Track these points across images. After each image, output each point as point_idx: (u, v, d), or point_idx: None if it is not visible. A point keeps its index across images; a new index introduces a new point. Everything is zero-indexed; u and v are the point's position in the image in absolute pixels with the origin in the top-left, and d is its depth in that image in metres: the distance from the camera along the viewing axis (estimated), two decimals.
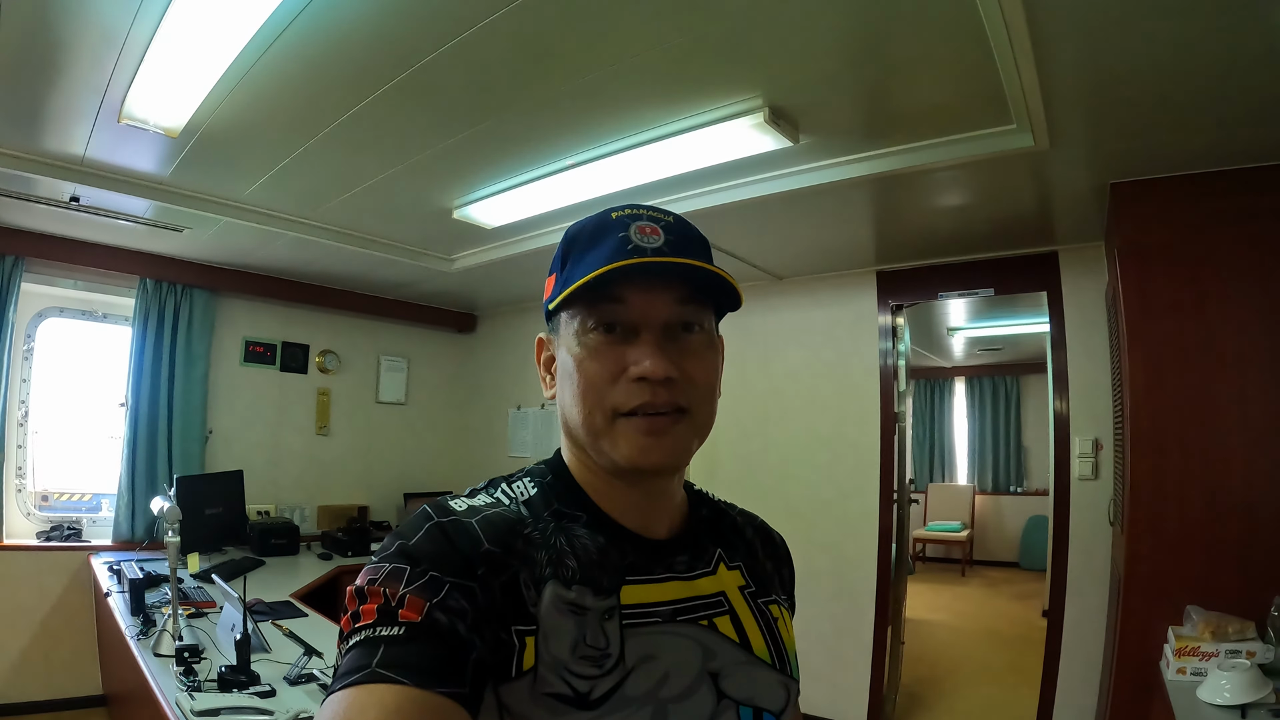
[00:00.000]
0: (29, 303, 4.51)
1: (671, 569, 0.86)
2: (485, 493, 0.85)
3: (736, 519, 1.02)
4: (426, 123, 2.76)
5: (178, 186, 3.54)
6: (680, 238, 0.82)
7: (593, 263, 0.79)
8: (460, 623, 0.67)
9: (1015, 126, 2.53)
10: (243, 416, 5.27)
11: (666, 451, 0.79)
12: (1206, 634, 2.43)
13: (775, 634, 0.90)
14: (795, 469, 4.61)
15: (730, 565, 0.92)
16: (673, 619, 0.81)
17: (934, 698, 4.78)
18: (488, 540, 0.75)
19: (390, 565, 0.69)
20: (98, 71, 2.42)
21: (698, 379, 0.81)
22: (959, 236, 3.83)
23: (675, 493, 0.91)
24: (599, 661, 0.74)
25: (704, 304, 0.84)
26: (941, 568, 9.57)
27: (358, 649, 0.64)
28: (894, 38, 2.10)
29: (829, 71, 2.29)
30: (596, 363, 0.80)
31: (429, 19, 2.07)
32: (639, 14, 2.01)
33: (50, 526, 4.60)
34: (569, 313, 0.82)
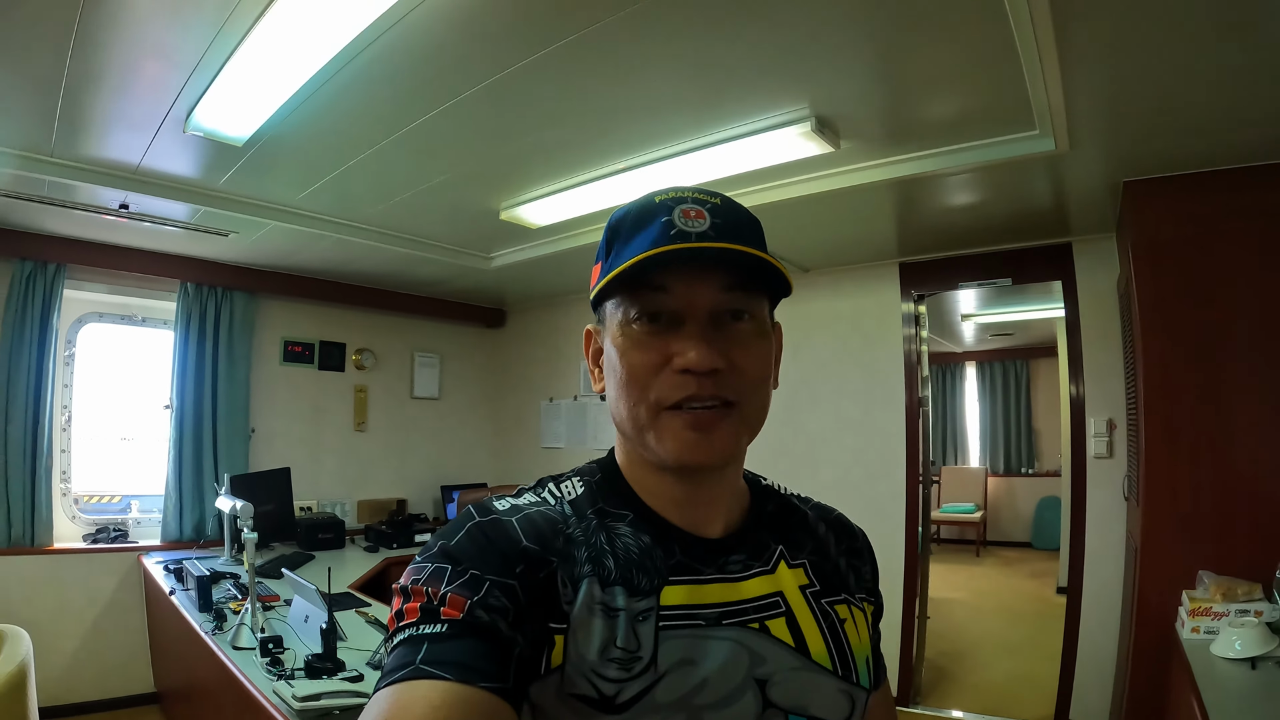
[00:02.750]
0: (69, 309, 4.62)
1: (723, 570, 0.82)
2: (532, 492, 0.85)
3: (808, 514, 0.97)
4: (486, 133, 2.93)
5: (230, 193, 3.66)
6: (728, 221, 0.78)
7: (635, 250, 0.75)
8: (502, 620, 0.67)
9: (1038, 132, 2.70)
10: (283, 415, 5.41)
11: (713, 447, 0.76)
12: (1218, 596, 2.61)
13: (840, 637, 0.85)
14: (825, 453, 4.78)
15: (793, 563, 0.88)
16: (718, 622, 0.78)
17: (960, 671, 4.96)
18: (527, 538, 0.75)
19: (432, 565, 0.70)
20: (168, 85, 2.55)
21: (747, 370, 0.77)
22: (978, 229, 3.98)
23: (731, 488, 0.88)
24: (628, 664, 0.72)
25: (754, 291, 0.79)
26: (956, 548, 9.71)
27: (402, 647, 0.65)
28: (930, 53, 2.26)
29: (871, 83, 2.47)
30: (640, 354, 0.77)
31: (495, 44, 2.25)
32: (697, 34, 2.18)
33: (96, 529, 4.70)
34: (613, 303, 0.80)
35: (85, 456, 4.82)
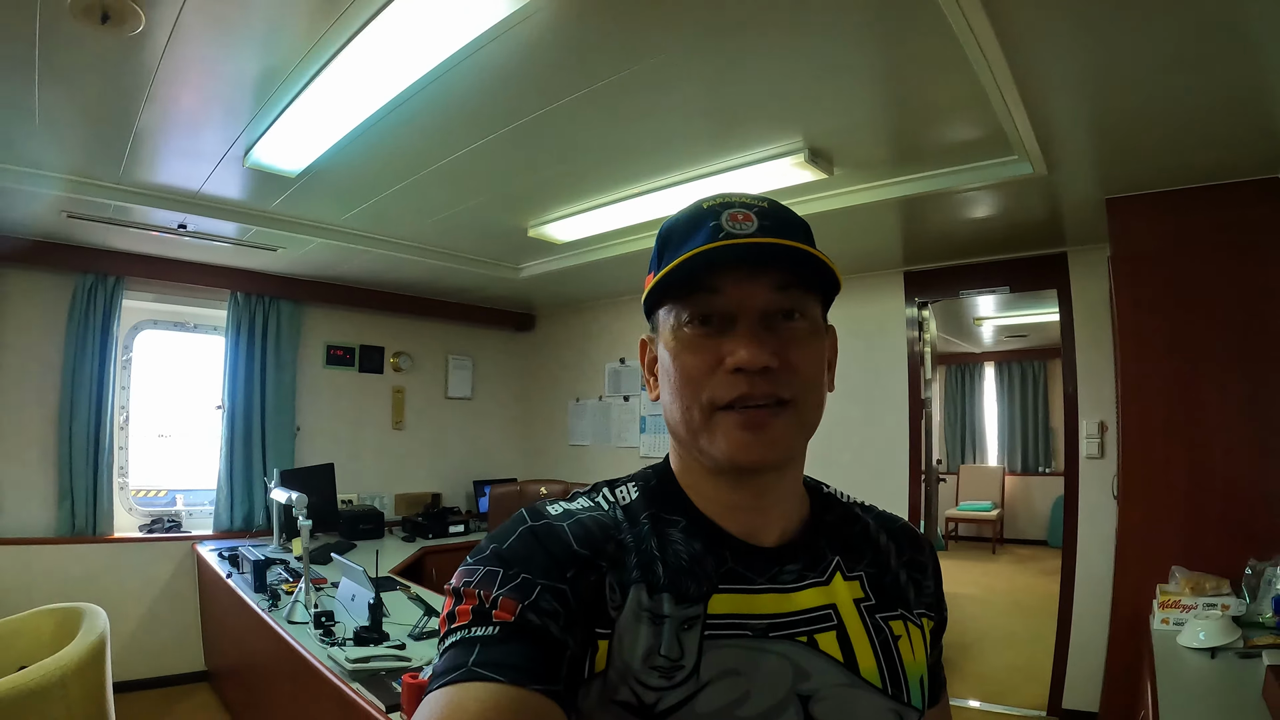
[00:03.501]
0: (127, 316, 4.94)
1: (775, 579, 0.79)
2: (587, 496, 0.84)
3: (870, 524, 0.93)
4: (514, 166, 3.22)
5: (280, 214, 3.98)
6: (776, 222, 0.77)
7: (684, 254, 0.74)
8: (553, 623, 0.67)
9: (1016, 157, 2.91)
10: (327, 414, 5.75)
11: (767, 446, 0.74)
12: (1187, 589, 2.75)
13: (893, 654, 0.81)
14: (832, 451, 4.88)
15: (849, 575, 0.84)
16: (764, 634, 0.75)
17: (962, 661, 5.13)
18: (577, 543, 0.74)
19: (484, 568, 0.70)
20: (230, 128, 2.87)
21: (800, 368, 0.76)
22: (977, 241, 4.18)
23: (789, 494, 0.85)
24: (669, 673, 0.71)
25: (806, 290, 0.78)
26: (973, 546, 9.75)
27: (454, 649, 0.65)
28: (912, 92, 2.51)
29: (858, 118, 2.72)
30: (692, 356, 0.76)
31: (522, 94, 2.56)
32: (700, 80, 2.45)
33: (151, 520, 5.04)
34: (665, 309, 0.80)
35: (140, 453, 5.16)
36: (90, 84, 2.55)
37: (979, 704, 4.38)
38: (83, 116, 2.81)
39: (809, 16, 2.04)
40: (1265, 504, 2.90)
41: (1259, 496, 2.92)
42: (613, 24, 2.10)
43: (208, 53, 2.32)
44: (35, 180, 3.38)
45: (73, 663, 2.44)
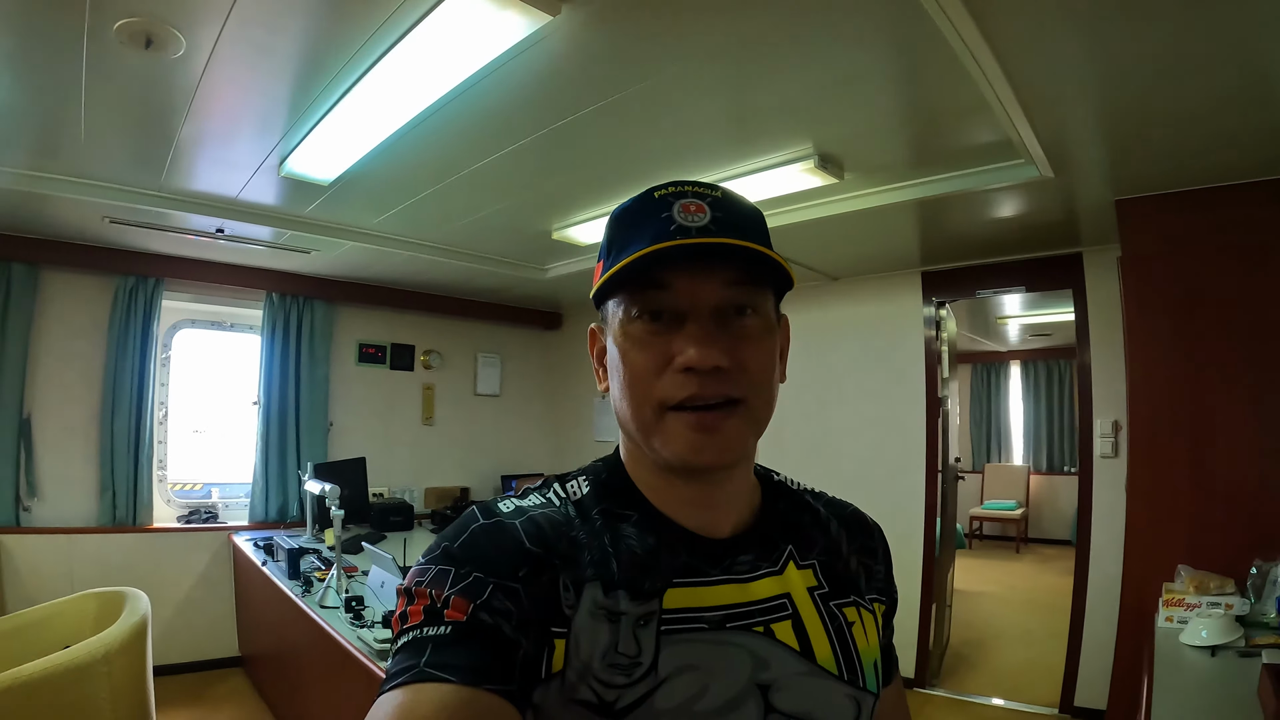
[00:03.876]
0: (166, 316, 5.15)
1: (730, 570, 0.79)
2: (538, 493, 0.83)
3: (820, 510, 0.94)
4: (538, 172, 3.33)
5: (314, 218, 4.13)
6: (729, 214, 0.76)
7: (636, 246, 0.73)
8: (505, 623, 0.66)
9: (1023, 161, 2.97)
10: (359, 410, 5.93)
11: (719, 447, 0.74)
12: (1191, 588, 2.78)
13: (847, 640, 0.83)
14: (850, 449, 5.06)
15: (802, 564, 0.85)
16: (721, 626, 0.76)
17: (977, 657, 5.19)
18: (530, 541, 0.73)
19: (436, 568, 0.69)
20: (266, 141, 3.02)
21: (752, 367, 0.75)
22: (994, 241, 4.22)
23: (741, 486, 0.85)
24: (628, 670, 0.71)
25: (758, 286, 0.77)
26: (997, 545, 9.69)
27: (406, 649, 0.64)
28: (918, 98, 2.57)
29: (866, 125, 2.80)
30: (642, 353, 0.74)
31: (545, 107, 2.67)
32: (714, 92, 2.56)
33: (189, 511, 5.25)
34: (615, 301, 0.78)
35: (178, 448, 5.36)
36: (134, 102, 2.70)
37: (993, 700, 4.44)
38: (126, 131, 2.97)
39: (818, 31, 2.13)
40: (1271, 505, 2.92)
41: (1265, 497, 2.93)
42: (631, 39, 2.21)
43: (244, 73, 2.46)
44: (79, 188, 3.55)
45: (116, 642, 2.57)
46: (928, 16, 1.95)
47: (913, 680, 4.65)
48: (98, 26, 2.16)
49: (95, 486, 4.78)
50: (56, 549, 4.55)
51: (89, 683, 2.47)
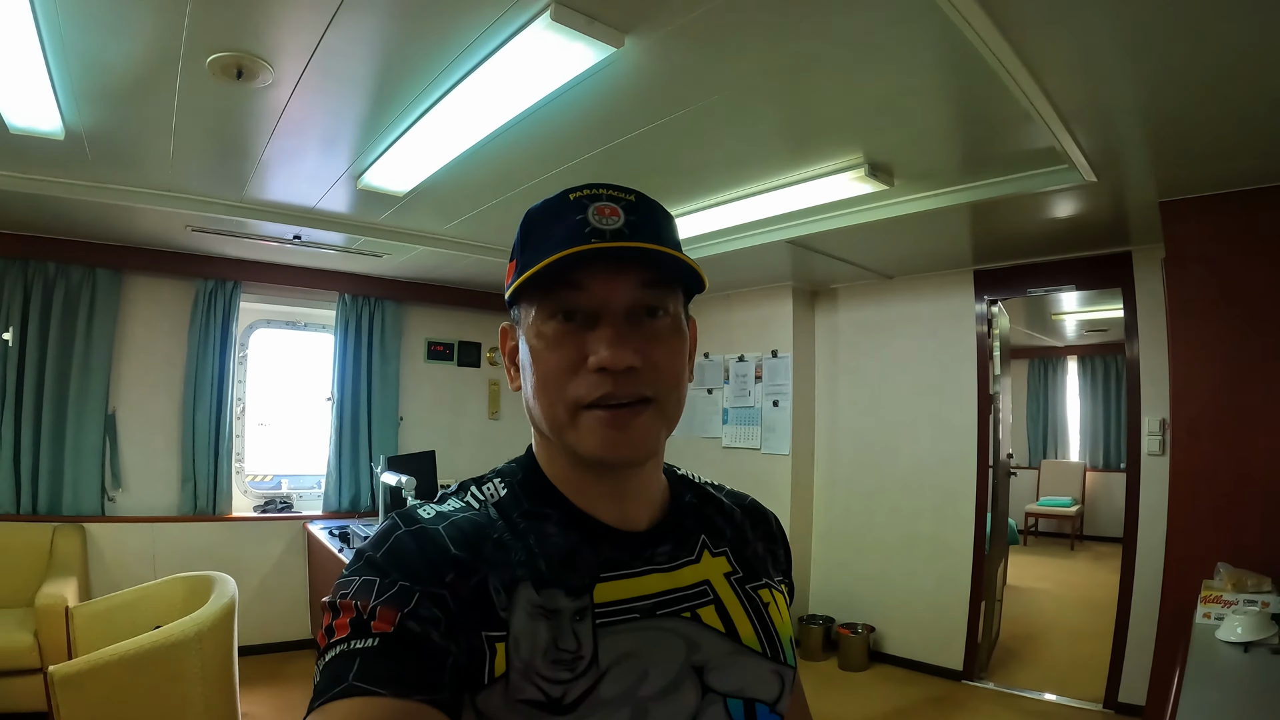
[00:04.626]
0: (243, 317, 5.43)
1: (651, 561, 0.82)
2: (455, 497, 0.83)
3: (724, 501, 0.97)
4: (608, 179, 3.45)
5: (387, 225, 4.34)
6: (642, 217, 0.78)
7: (549, 248, 0.74)
8: (434, 630, 0.66)
9: (1066, 166, 3.03)
10: (427, 405, 6.19)
11: (632, 444, 0.75)
12: (1229, 585, 2.78)
13: (766, 620, 0.87)
14: (904, 444, 5.15)
15: (715, 552, 0.88)
16: (652, 614, 0.78)
17: (1026, 652, 5.23)
18: (455, 546, 0.73)
19: (360, 578, 0.68)
20: (346, 157, 3.22)
21: (663, 366, 0.77)
22: (1044, 240, 4.26)
23: (653, 481, 0.87)
24: (571, 665, 0.71)
25: (669, 287, 0.78)
26: (1052, 542, 9.62)
27: (333, 664, 0.63)
28: (964, 109, 2.68)
29: (914, 135, 2.90)
30: (555, 354, 0.75)
31: (609, 124, 2.84)
32: (767, 109, 2.71)
33: (265, 501, 5.52)
34: (528, 300, 0.78)
35: (254, 441, 5.64)
36: (221, 126, 2.93)
37: (1040, 695, 4.49)
38: (212, 151, 3.21)
39: (867, 52, 2.25)
40: None
41: None
42: (690, 65, 2.35)
43: (327, 99, 2.66)
44: (164, 200, 3.80)
45: (208, 622, 2.75)
46: (967, 42, 2.07)
47: (960, 672, 4.73)
48: (192, 59, 2.36)
49: (177, 477, 5.07)
50: (140, 536, 4.84)
51: (182, 659, 2.64)
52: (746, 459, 5.78)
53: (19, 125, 2.90)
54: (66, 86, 2.59)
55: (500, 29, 2.13)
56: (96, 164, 3.38)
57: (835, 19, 2.06)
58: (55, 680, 2.32)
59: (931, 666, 4.89)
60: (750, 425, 5.77)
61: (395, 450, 5.74)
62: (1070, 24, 2.03)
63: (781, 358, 5.60)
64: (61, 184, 3.62)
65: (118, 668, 2.44)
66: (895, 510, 5.17)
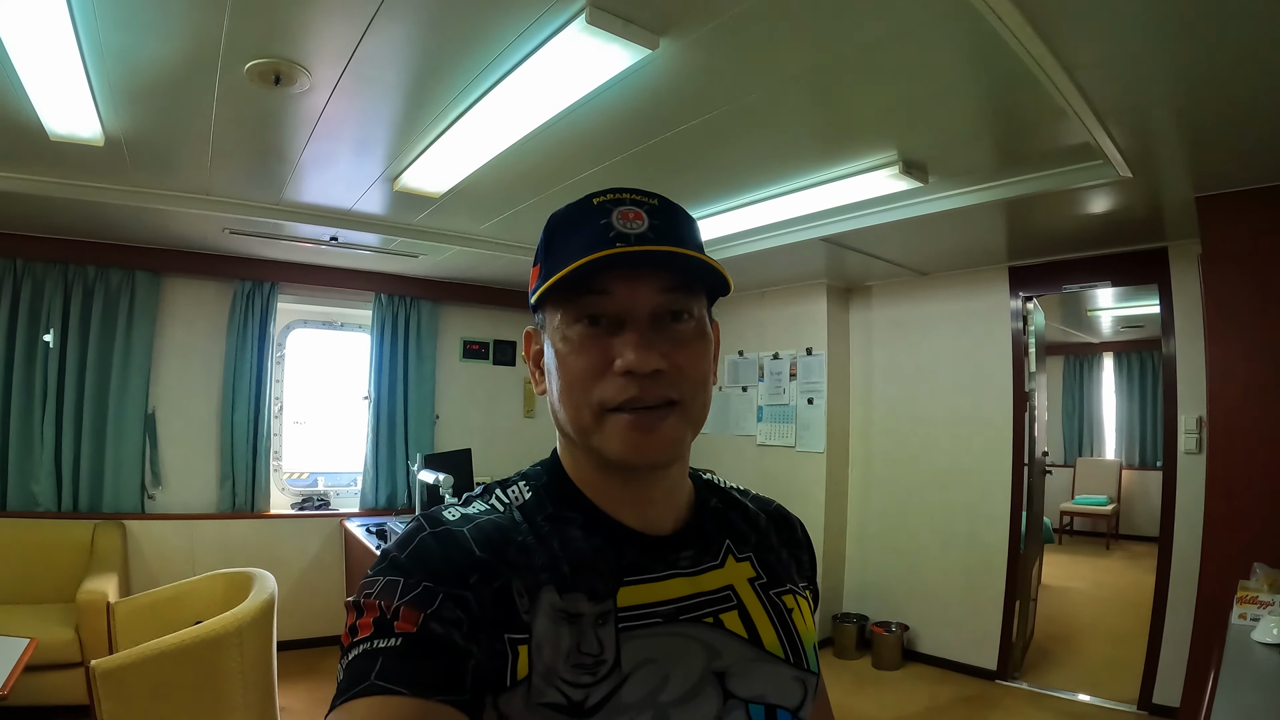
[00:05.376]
0: (280, 317, 5.52)
1: (674, 565, 0.82)
2: (480, 500, 0.83)
3: (749, 506, 0.97)
4: (638, 180, 3.42)
5: (423, 226, 4.38)
6: (666, 221, 0.78)
7: (574, 253, 0.74)
8: (456, 632, 0.66)
9: (1101, 162, 3.00)
10: (463, 404, 6.24)
11: (658, 447, 0.76)
12: (1265, 586, 2.74)
13: (789, 626, 0.87)
14: (938, 441, 5.12)
15: (740, 557, 0.89)
16: (674, 619, 0.78)
17: (1061, 653, 5.18)
18: (479, 548, 0.73)
19: (384, 579, 0.69)
20: (382, 160, 3.26)
21: (688, 370, 0.77)
22: (1079, 236, 4.21)
23: (679, 485, 0.87)
24: (593, 669, 0.72)
25: (693, 291, 0.79)
26: (1087, 541, 9.50)
27: (356, 663, 0.63)
28: (998, 106, 2.66)
29: (948, 131, 2.89)
30: (581, 357, 0.76)
31: (641, 126, 2.85)
32: (801, 108, 2.71)
33: (302, 499, 5.61)
34: (552, 305, 0.78)
35: (291, 439, 5.72)
36: (259, 130, 2.98)
37: (1074, 695, 4.45)
38: (249, 155, 3.26)
39: (900, 51, 2.25)
40: None
41: None
42: (723, 66, 2.36)
43: (364, 103, 2.70)
44: (201, 204, 3.87)
45: (248, 617, 2.79)
46: (1000, 39, 2.06)
47: (994, 672, 4.71)
48: (229, 66, 2.40)
49: (215, 475, 5.17)
50: (179, 533, 4.93)
51: (222, 654, 2.67)
52: (781, 457, 5.78)
53: (59, 132, 2.96)
54: (105, 94, 2.64)
55: (535, 33, 2.15)
56: (135, 169, 3.45)
57: (869, 19, 2.06)
58: (97, 674, 2.35)
59: (965, 666, 4.87)
60: (785, 423, 5.77)
61: (431, 448, 5.80)
62: (1103, 18, 2.01)
63: (816, 355, 5.59)
64: (101, 189, 3.69)
65: (158, 662, 2.47)
66: (929, 508, 5.15)
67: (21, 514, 4.54)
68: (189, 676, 2.59)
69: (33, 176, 3.59)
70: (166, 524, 4.92)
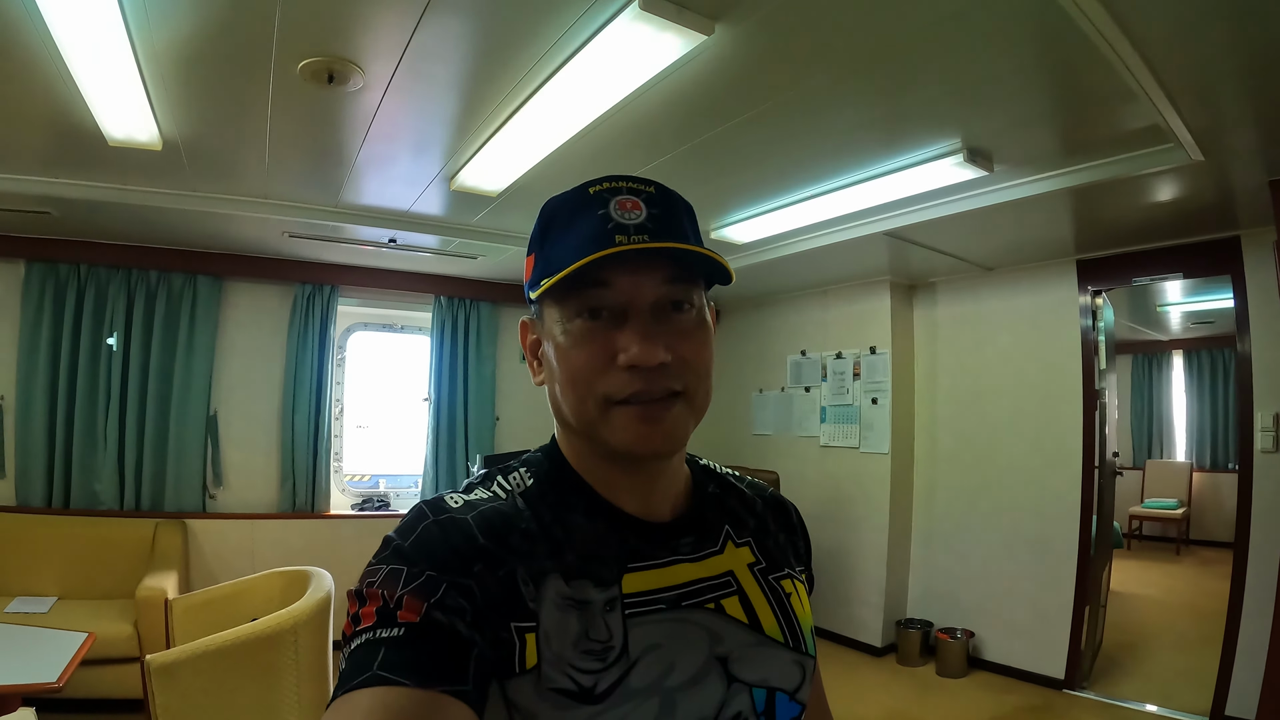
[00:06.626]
0: (341, 320, 5.60)
1: (676, 552, 0.83)
2: (481, 487, 0.83)
3: (745, 492, 0.98)
4: (696, 175, 3.45)
5: (481, 227, 4.38)
6: (664, 210, 0.79)
7: (572, 244, 0.75)
8: (459, 621, 0.66)
9: (1172, 145, 2.89)
10: (523, 405, 6.20)
11: (664, 437, 0.76)
12: None
13: (788, 610, 0.88)
14: (1005, 442, 4.97)
15: (739, 542, 0.90)
16: (677, 605, 0.79)
17: (1130, 662, 5.00)
18: (483, 536, 0.73)
19: (387, 567, 0.68)
20: (437, 160, 3.26)
21: (691, 359, 0.77)
22: (1148, 226, 4.06)
23: (678, 472, 0.88)
24: (602, 655, 0.72)
25: (693, 281, 0.80)
26: (1156, 546, 9.20)
27: (358, 652, 0.63)
28: (1065, 89, 2.56)
29: (1013, 118, 2.79)
30: (584, 350, 0.76)
31: (700, 116, 2.81)
32: (861, 95, 2.63)
33: (362, 500, 5.68)
34: (552, 297, 0.78)
35: (352, 441, 5.81)
36: (315, 131, 3.00)
37: (1143, 706, 4.30)
38: (306, 156, 3.29)
39: (963, 33, 2.18)
40: None
41: None
42: (780, 52, 2.31)
43: (418, 101, 2.69)
44: (261, 208, 3.93)
45: (303, 615, 2.79)
46: (1067, 15, 1.99)
47: (1061, 681, 4.56)
48: (283, 66, 2.42)
49: (276, 476, 5.25)
50: (239, 533, 5.03)
51: (277, 651, 2.68)
52: (845, 458, 5.68)
53: (118, 136, 3.01)
54: (161, 96, 2.68)
55: (588, 22, 2.12)
56: (194, 173, 3.50)
57: None
58: (152, 669, 2.37)
59: (1032, 674, 4.72)
60: (849, 424, 5.66)
61: (491, 449, 5.83)
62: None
63: (880, 354, 5.48)
64: (161, 194, 3.76)
65: (213, 658, 2.49)
66: (996, 511, 5.00)
67: (85, 512, 4.68)
68: (243, 672, 2.60)
69: (94, 183, 3.68)
70: (227, 523, 5.01)
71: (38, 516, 4.57)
